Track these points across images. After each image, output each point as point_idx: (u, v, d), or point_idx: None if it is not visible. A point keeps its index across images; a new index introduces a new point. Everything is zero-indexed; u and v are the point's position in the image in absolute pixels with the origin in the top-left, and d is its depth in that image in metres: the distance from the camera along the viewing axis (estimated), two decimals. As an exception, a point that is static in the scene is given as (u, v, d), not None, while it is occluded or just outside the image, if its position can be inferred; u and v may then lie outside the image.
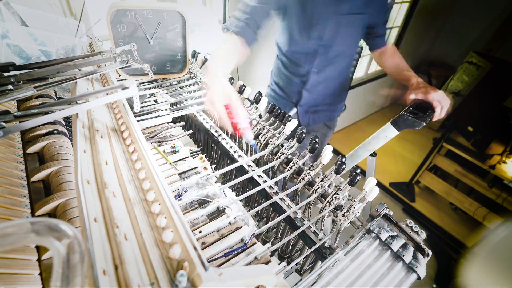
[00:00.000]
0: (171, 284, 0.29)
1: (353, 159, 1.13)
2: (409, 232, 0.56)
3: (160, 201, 0.38)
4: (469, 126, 2.70)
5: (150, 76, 0.82)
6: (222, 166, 0.89)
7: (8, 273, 0.38)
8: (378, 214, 0.58)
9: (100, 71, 0.67)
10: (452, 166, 2.71)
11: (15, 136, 0.64)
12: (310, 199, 0.63)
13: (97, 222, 0.35)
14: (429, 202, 2.89)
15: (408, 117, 0.91)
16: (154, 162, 0.45)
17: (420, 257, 0.51)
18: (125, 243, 0.33)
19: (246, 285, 0.34)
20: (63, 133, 0.67)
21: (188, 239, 0.32)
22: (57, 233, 0.26)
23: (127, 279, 0.29)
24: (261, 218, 0.80)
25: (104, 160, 0.46)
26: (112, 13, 0.82)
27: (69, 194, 0.52)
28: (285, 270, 0.51)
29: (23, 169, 0.57)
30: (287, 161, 0.73)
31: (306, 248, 0.64)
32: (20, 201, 0.50)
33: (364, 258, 0.50)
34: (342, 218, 0.59)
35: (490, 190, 2.49)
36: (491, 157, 2.44)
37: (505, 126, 2.48)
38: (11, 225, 0.25)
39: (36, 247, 0.44)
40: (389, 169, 3.29)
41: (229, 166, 0.71)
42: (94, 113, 0.57)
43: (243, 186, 0.84)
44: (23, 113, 0.42)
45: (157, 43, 0.95)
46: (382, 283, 0.47)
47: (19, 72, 0.55)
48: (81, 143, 0.47)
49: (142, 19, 0.88)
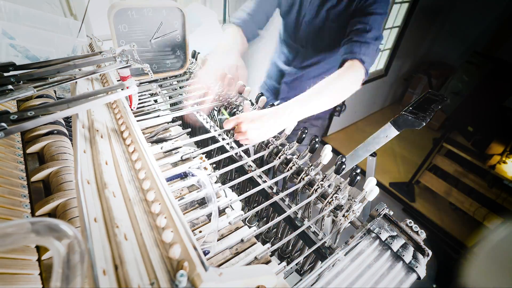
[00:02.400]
0: (171, 284, 0.29)
1: (353, 159, 1.13)
2: (409, 232, 0.56)
3: (160, 201, 0.38)
4: (469, 126, 2.70)
5: (150, 76, 0.82)
6: (222, 166, 0.89)
7: (8, 273, 0.38)
8: (378, 214, 0.58)
9: (100, 71, 0.67)
10: (452, 166, 2.71)
11: (15, 136, 0.64)
12: (310, 199, 0.63)
13: (97, 222, 0.35)
14: (429, 202, 2.89)
15: (408, 117, 0.91)
16: (154, 162, 0.45)
17: (420, 257, 0.51)
18: (125, 243, 0.33)
19: (246, 285, 0.34)
20: (63, 133, 0.67)
21: (188, 239, 0.32)
22: (57, 233, 0.26)
23: (127, 279, 0.29)
24: (261, 218, 0.80)
25: (104, 160, 0.46)
26: (113, 13, 0.82)
27: (69, 194, 0.52)
28: (285, 270, 0.51)
29: (23, 169, 0.57)
30: (287, 161, 0.73)
31: (306, 248, 0.64)
32: (20, 201, 0.50)
33: (364, 258, 0.50)
34: (342, 218, 0.59)
35: (490, 190, 2.49)
36: (491, 157, 2.44)
37: (505, 126, 2.48)
38: (11, 225, 0.25)
39: (36, 247, 0.44)
40: (389, 169, 3.29)
41: (229, 166, 0.71)
42: (94, 113, 0.57)
43: (243, 186, 0.84)
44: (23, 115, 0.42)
45: (158, 41, 0.95)
46: (382, 283, 0.47)
47: (19, 72, 0.55)
48: (81, 143, 0.47)
49: (143, 17, 0.88)
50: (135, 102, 0.68)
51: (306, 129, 0.74)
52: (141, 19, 0.89)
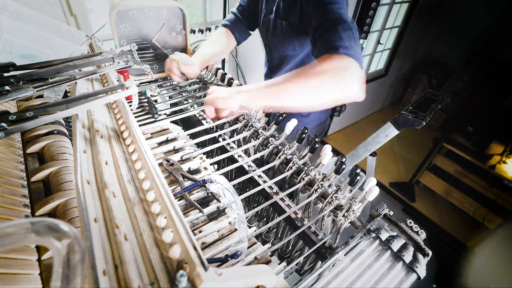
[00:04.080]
0: (171, 284, 0.29)
1: (353, 159, 1.13)
2: (409, 232, 0.56)
3: (160, 201, 0.38)
4: (469, 126, 2.70)
5: (150, 77, 0.82)
6: (222, 166, 0.89)
7: (8, 273, 0.38)
8: (378, 214, 0.58)
9: (100, 72, 0.67)
10: (452, 166, 2.71)
11: (15, 136, 0.64)
12: (310, 199, 0.63)
13: (97, 222, 0.35)
14: (429, 202, 2.88)
15: (408, 116, 0.91)
16: (154, 162, 0.45)
17: (420, 257, 0.51)
18: (125, 243, 0.33)
19: (246, 285, 0.34)
20: (63, 133, 0.67)
21: (188, 239, 0.32)
22: (57, 233, 0.26)
23: (127, 279, 0.29)
24: (261, 218, 0.80)
25: (104, 160, 0.46)
26: (114, 12, 0.82)
27: (69, 194, 0.52)
28: (285, 270, 0.51)
29: (23, 169, 0.57)
30: (287, 161, 0.73)
31: (306, 248, 0.64)
32: (20, 201, 0.50)
33: (364, 258, 0.50)
34: (342, 218, 0.59)
35: (490, 190, 2.49)
36: (491, 157, 2.44)
37: (505, 126, 2.48)
38: (11, 225, 0.25)
39: (36, 247, 0.44)
40: (389, 169, 3.29)
41: (229, 166, 0.71)
42: (94, 113, 0.57)
43: (243, 186, 0.84)
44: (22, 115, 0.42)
45: (158, 41, 0.95)
46: (382, 283, 0.47)
47: (19, 72, 0.55)
48: (81, 143, 0.47)
49: (144, 17, 0.88)
50: (135, 102, 0.68)
51: (306, 129, 0.74)
52: (142, 19, 0.89)
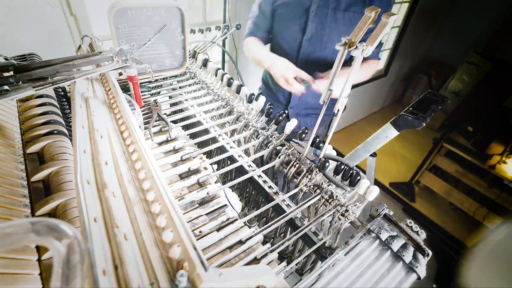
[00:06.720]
0: (171, 284, 0.29)
1: (353, 159, 1.13)
2: (409, 232, 0.56)
3: (160, 201, 0.38)
4: (469, 126, 2.70)
5: (151, 77, 0.82)
6: (222, 166, 0.89)
7: (8, 273, 0.38)
8: (378, 214, 0.58)
9: (99, 71, 0.67)
10: (452, 166, 2.71)
11: (15, 136, 0.64)
12: (310, 199, 0.63)
13: (97, 222, 0.35)
14: (429, 202, 2.89)
15: (408, 117, 0.91)
16: (154, 162, 0.45)
17: (420, 257, 0.51)
18: (125, 243, 0.33)
19: (246, 285, 0.34)
20: (63, 133, 0.67)
21: (188, 239, 0.32)
22: (57, 233, 0.26)
23: (127, 279, 0.29)
24: (261, 218, 0.80)
25: (104, 160, 0.46)
26: (113, 12, 0.82)
27: (69, 194, 0.52)
28: (285, 270, 0.51)
29: (23, 169, 0.57)
30: (287, 161, 0.73)
31: (306, 248, 0.63)
32: (20, 201, 0.50)
33: (364, 258, 0.50)
34: (342, 218, 0.59)
35: (490, 190, 2.49)
36: (491, 157, 2.44)
37: (505, 126, 2.48)
38: (11, 225, 0.25)
39: (36, 247, 0.44)
40: (389, 169, 3.29)
41: (229, 166, 0.71)
42: (94, 113, 0.57)
43: (243, 186, 0.83)
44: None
45: (157, 40, 0.95)
46: (382, 283, 0.47)
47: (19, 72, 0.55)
48: (81, 143, 0.47)
49: (143, 17, 0.89)
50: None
51: (307, 129, 0.74)
52: (141, 19, 0.89)
